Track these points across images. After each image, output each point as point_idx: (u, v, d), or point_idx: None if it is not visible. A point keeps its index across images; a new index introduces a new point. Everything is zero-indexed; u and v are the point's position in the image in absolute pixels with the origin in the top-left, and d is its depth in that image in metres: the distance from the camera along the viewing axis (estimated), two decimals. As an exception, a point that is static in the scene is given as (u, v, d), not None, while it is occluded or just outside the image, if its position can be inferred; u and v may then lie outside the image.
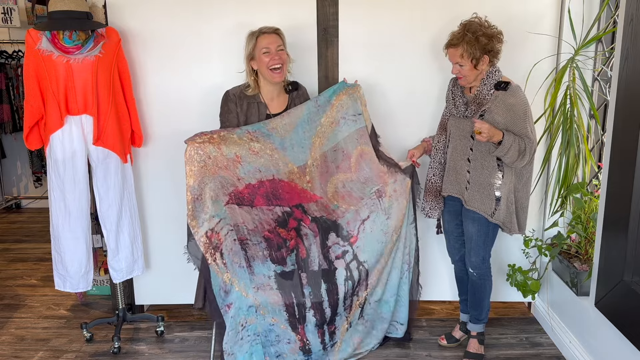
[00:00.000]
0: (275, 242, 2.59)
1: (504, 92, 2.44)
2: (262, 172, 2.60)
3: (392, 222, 2.75)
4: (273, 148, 2.62)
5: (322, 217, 2.68)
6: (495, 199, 2.53)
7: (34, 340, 3.02)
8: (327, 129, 2.70)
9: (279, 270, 2.59)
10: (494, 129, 2.40)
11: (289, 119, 2.66)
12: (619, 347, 2.25)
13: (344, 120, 2.72)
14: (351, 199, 2.72)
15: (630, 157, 2.13)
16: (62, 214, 2.74)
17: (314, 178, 2.68)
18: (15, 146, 5.48)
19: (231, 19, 2.87)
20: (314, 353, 2.67)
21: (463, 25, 2.46)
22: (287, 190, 2.64)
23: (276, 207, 2.62)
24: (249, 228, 2.56)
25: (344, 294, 2.66)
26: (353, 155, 2.72)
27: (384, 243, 2.74)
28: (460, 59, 2.44)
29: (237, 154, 2.55)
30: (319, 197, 2.69)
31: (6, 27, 5.04)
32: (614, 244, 2.27)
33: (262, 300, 2.57)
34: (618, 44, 2.25)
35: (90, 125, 2.68)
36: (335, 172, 2.72)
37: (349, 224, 2.72)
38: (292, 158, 2.65)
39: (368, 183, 2.73)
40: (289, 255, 2.61)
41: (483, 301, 2.74)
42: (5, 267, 4.10)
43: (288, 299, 2.59)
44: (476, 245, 2.64)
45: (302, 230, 2.64)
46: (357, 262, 2.70)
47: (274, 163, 2.62)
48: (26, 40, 2.59)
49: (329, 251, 2.67)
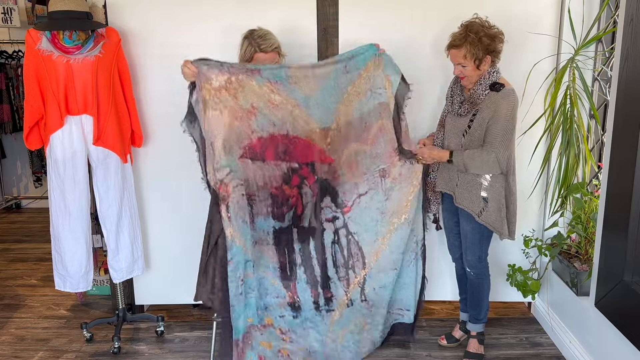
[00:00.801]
0: (280, 199, 2.59)
1: (497, 93, 2.44)
2: (276, 127, 2.53)
3: (391, 204, 2.71)
4: (295, 104, 2.53)
5: (326, 180, 2.66)
6: (483, 199, 2.53)
7: (34, 340, 3.02)
8: (353, 98, 2.62)
9: (277, 227, 2.61)
10: (436, 151, 2.61)
11: (314, 80, 2.55)
12: (619, 347, 2.25)
13: (371, 93, 2.64)
14: (356, 171, 2.69)
15: (630, 157, 2.13)
16: (62, 214, 2.75)
17: (334, 141, 2.63)
18: (15, 146, 5.48)
19: (231, 19, 2.87)
20: (304, 311, 2.68)
21: (465, 26, 2.45)
22: (303, 147, 2.59)
23: (283, 163, 2.58)
24: (259, 184, 2.54)
25: (331, 256, 2.70)
26: (373, 128, 2.66)
27: (379, 222, 2.71)
28: (463, 59, 2.44)
29: (254, 105, 2.47)
30: (333, 160, 2.65)
31: (6, 27, 5.04)
32: (614, 244, 2.27)
33: (258, 254, 2.59)
34: (618, 44, 2.25)
35: (90, 125, 2.68)
36: (354, 140, 2.67)
37: (345, 194, 2.70)
38: (316, 118, 2.58)
39: (376, 160, 2.69)
40: (288, 212, 2.62)
41: (481, 300, 2.74)
42: (5, 267, 4.10)
43: (282, 256, 2.64)
44: (472, 244, 2.64)
45: (303, 189, 2.63)
46: (347, 230, 2.71)
47: (292, 119, 2.54)
48: (26, 40, 2.60)
49: (321, 212, 2.68)
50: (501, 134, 2.44)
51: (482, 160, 2.46)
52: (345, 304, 2.74)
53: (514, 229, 2.61)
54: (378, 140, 2.67)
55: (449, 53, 2.51)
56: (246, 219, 2.53)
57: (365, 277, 2.75)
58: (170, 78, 2.94)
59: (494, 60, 2.48)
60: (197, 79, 2.41)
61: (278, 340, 2.67)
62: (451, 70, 2.77)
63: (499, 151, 2.45)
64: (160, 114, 2.98)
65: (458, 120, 2.57)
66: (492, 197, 2.53)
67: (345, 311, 2.74)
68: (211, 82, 2.39)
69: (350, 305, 2.75)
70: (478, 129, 2.49)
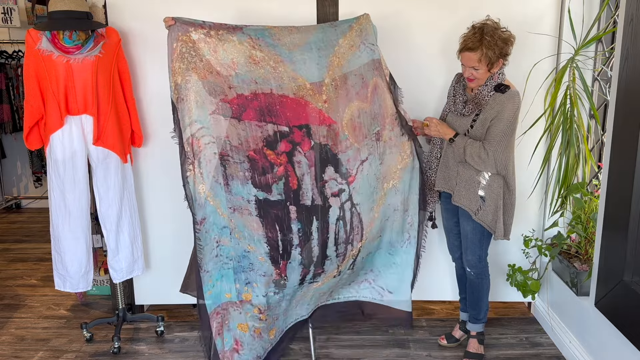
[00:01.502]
0: (260, 165, 2.35)
1: (502, 94, 2.44)
2: (258, 84, 2.32)
3: (384, 168, 2.58)
4: (279, 60, 2.35)
5: (326, 146, 2.41)
6: (480, 197, 2.53)
7: (34, 340, 3.02)
8: (346, 51, 2.45)
9: (261, 197, 2.36)
10: (444, 127, 2.57)
11: (299, 35, 2.40)
12: (619, 347, 2.25)
13: (364, 46, 2.49)
14: (359, 134, 2.49)
15: (630, 157, 2.13)
16: (62, 214, 2.75)
17: (331, 98, 2.40)
18: (15, 146, 5.48)
19: (231, 19, 2.86)
20: (287, 288, 2.51)
21: (479, 28, 2.40)
22: (292, 107, 2.35)
23: (268, 125, 2.34)
24: (233, 144, 2.33)
25: (334, 234, 2.48)
26: (370, 85, 2.50)
27: (375, 188, 2.58)
28: (477, 63, 2.40)
29: (234, 60, 2.31)
30: (334, 121, 2.40)
31: (6, 27, 5.04)
32: (614, 244, 2.27)
33: (238, 223, 2.38)
34: (618, 44, 2.25)
35: (90, 125, 2.68)
36: (354, 97, 2.47)
37: (349, 162, 2.49)
38: (303, 72, 2.37)
39: (375, 121, 2.53)
40: (275, 182, 2.37)
41: (481, 300, 2.74)
42: (5, 267, 4.10)
43: (271, 231, 2.39)
44: (472, 244, 2.64)
45: (295, 157, 2.38)
46: (351, 203, 2.51)
47: (276, 76, 2.34)
48: (26, 40, 2.59)
49: (325, 186, 2.44)
50: (501, 135, 2.44)
51: (480, 154, 2.47)
52: (333, 275, 2.59)
53: (509, 230, 2.61)
54: (374, 99, 2.50)
55: (461, 56, 2.46)
56: (219, 180, 2.34)
57: (360, 248, 2.61)
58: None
59: (504, 63, 2.47)
60: (172, 31, 2.29)
61: (254, 320, 2.50)
62: (452, 69, 2.77)
63: (496, 150, 2.45)
64: (160, 114, 2.97)
65: (460, 120, 2.57)
66: (490, 196, 2.53)
67: (329, 281, 2.61)
68: (189, 35, 2.29)
69: (337, 276, 2.61)
70: (480, 128, 2.49)
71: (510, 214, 2.60)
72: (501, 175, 2.53)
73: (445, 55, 2.87)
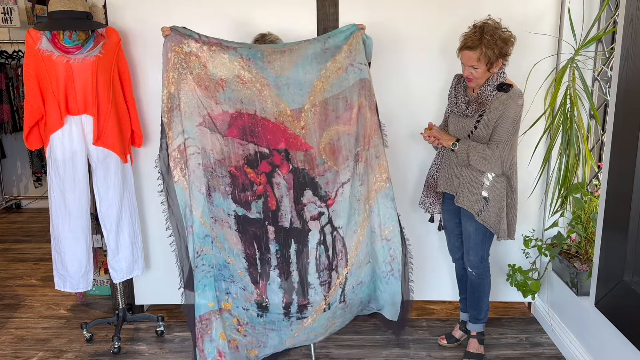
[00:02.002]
0: (240, 181, 2.39)
1: (505, 94, 2.44)
2: (244, 104, 2.37)
3: (364, 189, 2.55)
4: (265, 83, 2.38)
5: (303, 170, 2.44)
6: (483, 198, 2.53)
7: (34, 340, 3.02)
8: (332, 74, 2.46)
9: (240, 213, 2.40)
10: (444, 135, 2.57)
11: (290, 57, 2.42)
12: (619, 347, 2.25)
13: (352, 67, 2.48)
14: (339, 157, 2.48)
15: (630, 157, 2.13)
16: (62, 214, 2.75)
17: (309, 125, 2.44)
18: (15, 146, 5.49)
19: (231, 19, 2.87)
20: (271, 313, 2.48)
21: (480, 27, 2.40)
22: (272, 131, 2.40)
23: (250, 144, 2.39)
24: (216, 157, 2.38)
25: (315, 259, 2.47)
26: (355, 107, 2.49)
27: (357, 211, 2.54)
28: (477, 62, 2.40)
29: (222, 77, 2.35)
30: (310, 146, 2.44)
31: (6, 27, 5.04)
32: (614, 244, 2.27)
33: (219, 234, 2.42)
34: (618, 44, 2.25)
35: (90, 125, 2.68)
36: (334, 121, 2.47)
37: (328, 184, 2.48)
38: (285, 99, 2.41)
39: (357, 142, 2.51)
40: (254, 200, 2.41)
41: (482, 300, 2.74)
42: (5, 267, 4.10)
43: (249, 248, 2.42)
44: (474, 244, 2.64)
45: (274, 178, 2.42)
46: (332, 226, 2.49)
47: (260, 99, 2.38)
48: (26, 40, 2.60)
49: (304, 209, 2.45)
50: (507, 135, 2.44)
51: (485, 156, 2.46)
52: (322, 309, 2.52)
53: (513, 230, 2.61)
54: (358, 119, 2.50)
55: (460, 54, 2.46)
56: (202, 190, 2.38)
57: (347, 275, 2.55)
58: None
59: (504, 64, 2.47)
60: (167, 41, 2.32)
61: (232, 330, 2.50)
62: (453, 69, 2.77)
63: (502, 150, 2.45)
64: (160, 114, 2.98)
65: (463, 121, 2.57)
66: (493, 197, 2.53)
67: (320, 316, 2.53)
68: (182, 47, 2.32)
69: (327, 310, 2.53)
70: (484, 129, 2.48)
71: (514, 214, 2.60)
72: (505, 175, 2.53)
73: (445, 55, 2.87)
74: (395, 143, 3.02)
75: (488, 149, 2.46)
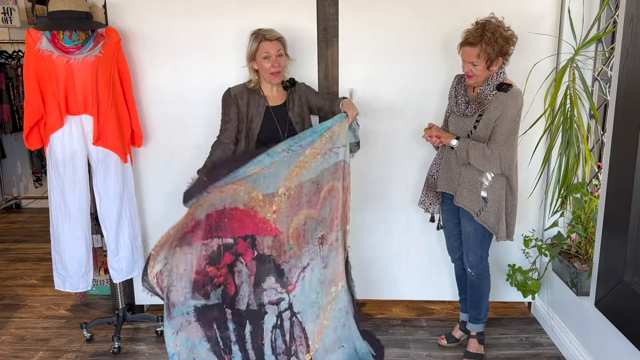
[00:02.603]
0: (200, 282, 2.32)
1: (504, 93, 2.44)
2: (215, 205, 2.28)
3: (328, 272, 2.49)
4: (241, 183, 2.30)
5: (269, 256, 2.39)
6: (482, 198, 2.53)
7: (34, 340, 3.02)
8: (309, 159, 2.42)
9: (199, 305, 2.33)
10: (445, 133, 2.57)
11: (279, 164, 2.37)
12: (619, 347, 2.25)
13: (330, 152, 2.46)
14: (302, 241, 2.44)
15: (630, 157, 2.13)
16: (62, 214, 2.75)
17: (281, 209, 2.37)
18: (15, 146, 5.48)
19: (231, 19, 2.87)
20: None
21: (482, 24, 2.41)
22: (239, 219, 2.32)
23: (214, 240, 2.30)
24: (179, 271, 2.28)
25: (270, 342, 2.42)
26: (323, 190, 2.46)
27: (319, 294, 2.48)
28: (476, 58, 2.41)
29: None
30: (280, 231, 2.38)
31: (6, 27, 5.04)
32: (614, 244, 2.27)
33: (182, 341, 2.34)
34: (618, 44, 2.25)
35: (90, 125, 2.68)
36: (304, 205, 2.43)
37: (291, 271, 2.43)
38: (259, 185, 2.33)
39: (319, 226, 2.47)
40: (213, 290, 2.35)
41: (481, 301, 2.74)
42: (5, 267, 4.10)
43: (210, 331, 2.37)
44: (474, 244, 2.64)
45: (236, 267, 2.36)
46: (291, 312, 2.45)
47: (231, 194, 2.29)
48: (26, 40, 2.60)
49: (263, 294, 2.41)
50: (506, 134, 2.44)
51: (485, 155, 2.46)
52: None
53: (512, 231, 2.61)
54: (325, 203, 2.46)
55: (461, 50, 2.47)
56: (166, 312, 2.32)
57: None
58: (171, 78, 2.94)
59: (504, 63, 2.47)
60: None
61: None
62: (453, 70, 2.77)
63: (502, 149, 2.45)
64: (160, 114, 2.98)
65: (463, 121, 2.57)
66: (492, 197, 2.53)
67: None
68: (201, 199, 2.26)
69: None
70: (484, 129, 2.48)
71: (513, 214, 2.60)
72: (505, 175, 2.53)
73: (445, 55, 2.87)
74: (395, 143, 3.02)
75: (487, 148, 2.46)
